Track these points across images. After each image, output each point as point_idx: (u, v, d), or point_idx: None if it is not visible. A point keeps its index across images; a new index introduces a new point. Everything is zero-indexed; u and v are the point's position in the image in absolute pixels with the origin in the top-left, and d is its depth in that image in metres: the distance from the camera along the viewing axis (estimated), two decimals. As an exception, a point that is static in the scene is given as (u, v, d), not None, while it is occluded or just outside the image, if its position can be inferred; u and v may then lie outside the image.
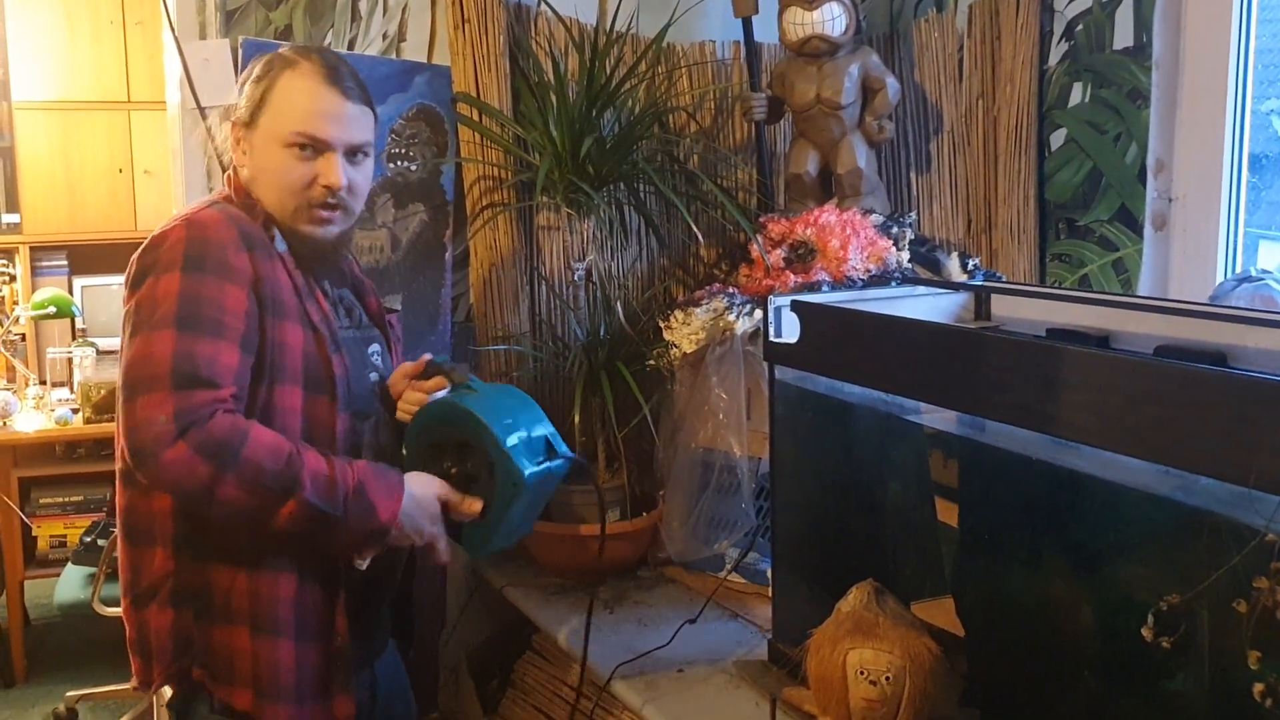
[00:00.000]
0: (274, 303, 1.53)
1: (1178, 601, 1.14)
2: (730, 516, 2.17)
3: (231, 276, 1.49)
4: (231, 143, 1.63)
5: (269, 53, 1.64)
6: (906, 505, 1.75)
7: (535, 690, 2.20)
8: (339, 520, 1.47)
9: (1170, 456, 1.16)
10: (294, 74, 1.58)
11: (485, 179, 2.40)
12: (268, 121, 1.58)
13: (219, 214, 1.54)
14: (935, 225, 2.56)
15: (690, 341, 2.15)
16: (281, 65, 1.59)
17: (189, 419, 1.40)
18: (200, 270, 1.47)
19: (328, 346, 1.57)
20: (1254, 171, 2.12)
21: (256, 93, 1.59)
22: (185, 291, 1.45)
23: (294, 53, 1.62)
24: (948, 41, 2.53)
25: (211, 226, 1.51)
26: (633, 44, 2.47)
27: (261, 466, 1.42)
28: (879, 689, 1.40)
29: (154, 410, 1.39)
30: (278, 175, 1.58)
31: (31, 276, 4.70)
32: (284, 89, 1.58)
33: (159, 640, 1.55)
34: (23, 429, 3.62)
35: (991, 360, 1.37)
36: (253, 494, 1.42)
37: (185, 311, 1.45)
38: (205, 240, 1.49)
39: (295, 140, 1.57)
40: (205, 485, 1.40)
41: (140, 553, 1.57)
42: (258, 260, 1.52)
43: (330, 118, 1.58)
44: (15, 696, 3.54)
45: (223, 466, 1.40)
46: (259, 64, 1.62)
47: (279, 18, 2.36)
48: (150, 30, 4.71)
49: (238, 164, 1.62)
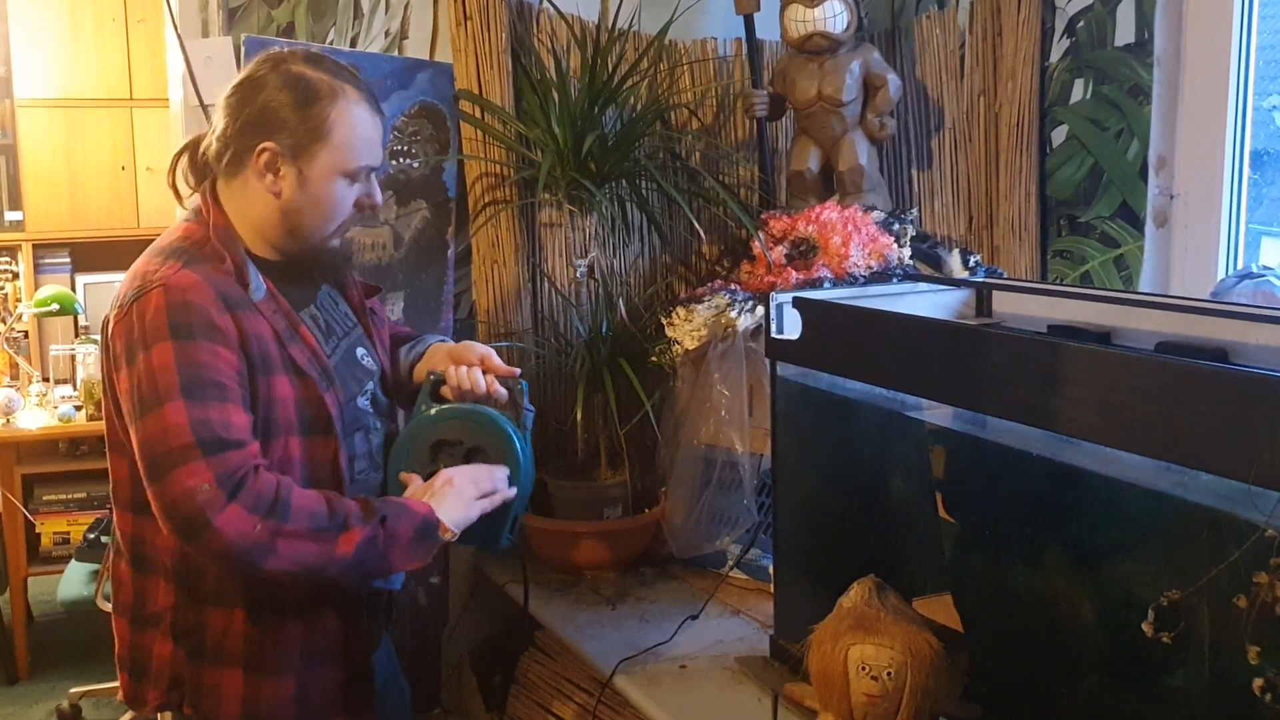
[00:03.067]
0: (261, 359, 1.50)
1: (1178, 597, 1.14)
2: (732, 513, 2.18)
3: (220, 339, 1.45)
4: (257, 167, 1.52)
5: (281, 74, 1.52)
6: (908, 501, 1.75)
7: (538, 686, 2.21)
8: (388, 532, 1.47)
9: (1171, 452, 1.16)
10: (347, 104, 1.54)
11: (487, 176, 2.41)
12: (330, 157, 1.53)
13: (195, 276, 1.47)
14: (937, 222, 2.56)
15: (692, 338, 2.16)
16: (328, 94, 1.52)
17: (232, 481, 1.39)
18: (190, 336, 1.44)
19: (319, 387, 1.55)
20: (1255, 168, 2.12)
21: (306, 123, 1.51)
22: (180, 360, 1.42)
23: (330, 76, 1.54)
24: (949, 38, 2.53)
25: (190, 290, 1.46)
26: (634, 41, 2.47)
27: (312, 510, 1.43)
28: (880, 684, 1.40)
29: (194, 480, 1.37)
30: (332, 205, 1.56)
31: (34, 274, 4.70)
32: (344, 121, 1.53)
33: (157, 667, 1.56)
34: (26, 426, 3.63)
35: (993, 356, 1.37)
36: (314, 537, 1.42)
37: (186, 379, 1.42)
38: (187, 305, 1.45)
39: (359, 174, 1.56)
40: (264, 542, 1.39)
41: (146, 579, 1.57)
42: (240, 319, 1.48)
43: (379, 143, 1.59)
44: (19, 693, 3.55)
45: (279, 519, 1.40)
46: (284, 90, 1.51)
47: (281, 15, 2.36)
48: (152, 28, 4.72)
49: (269, 190, 1.53)
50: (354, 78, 1.58)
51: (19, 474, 3.68)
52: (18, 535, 3.60)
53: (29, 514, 3.67)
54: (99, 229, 4.85)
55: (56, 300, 3.91)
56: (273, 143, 1.51)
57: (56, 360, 3.94)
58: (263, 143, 1.51)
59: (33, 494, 3.80)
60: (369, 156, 1.57)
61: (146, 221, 4.94)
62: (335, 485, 1.56)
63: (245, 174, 1.54)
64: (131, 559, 1.58)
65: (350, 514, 1.46)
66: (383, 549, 1.47)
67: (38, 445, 3.79)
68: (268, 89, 1.52)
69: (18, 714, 3.41)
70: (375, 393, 1.70)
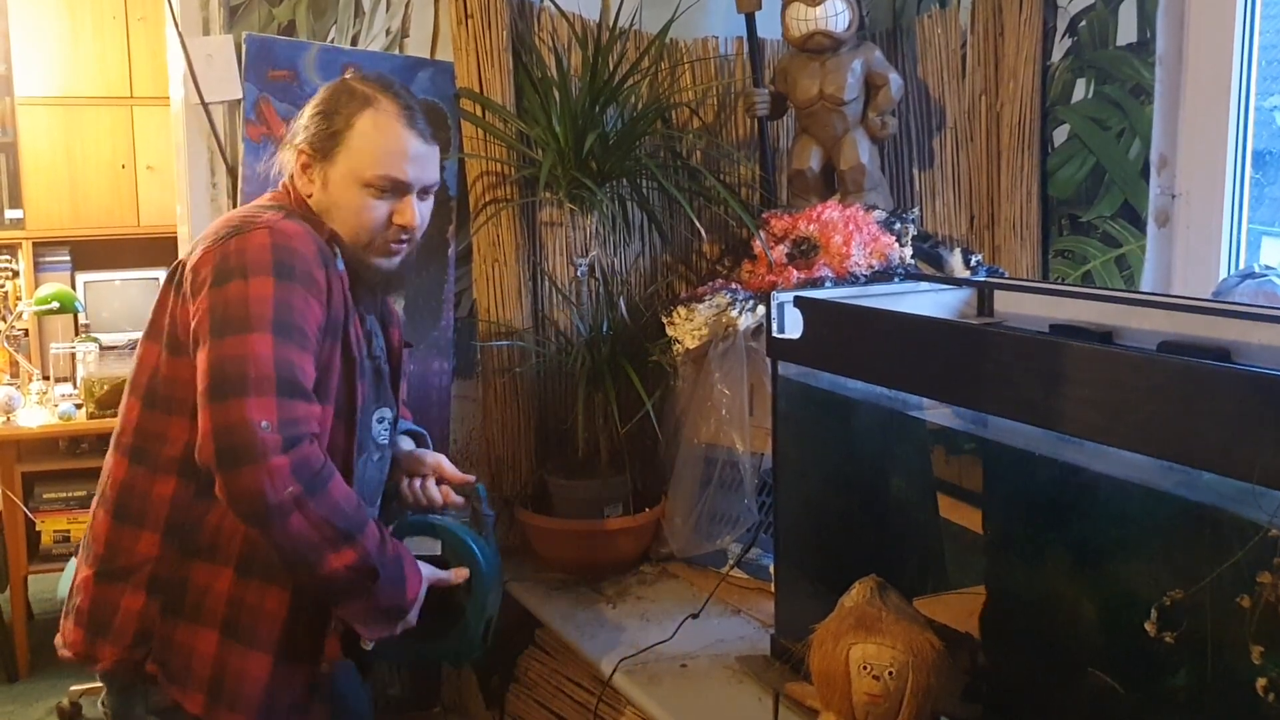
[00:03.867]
0: (332, 324, 1.52)
1: (1181, 597, 1.14)
2: (733, 512, 2.18)
3: (315, 290, 1.48)
4: (296, 169, 1.61)
5: (335, 82, 1.63)
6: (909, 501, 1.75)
7: (538, 685, 2.21)
8: (378, 584, 1.47)
9: (1174, 452, 1.16)
10: (375, 114, 1.57)
11: (488, 175, 2.40)
12: (347, 160, 1.57)
13: (300, 226, 1.52)
14: (938, 221, 2.56)
15: (693, 337, 2.16)
16: (360, 102, 1.58)
17: (293, 431, 1.39)
18: (291, 279, 1.46)
19: (356, 373, 1.57)
20: (1257, 167, 2.12)
21: (330, 126, 1.57)
22: (280, 298, 1.44)
23: (368, 87, 1.60)
24: (951, 37, 2.52)
25: (296, 237, 1.49)
26: (636, 40, 2.47)
27: (338, 505, 1.43)
28: (882, 684, 1.40)
29: (260, 414, 1.37)
30: (354, 213, 1.58)
31: (34, 272, 4.70)
32: (365, 130, 1.57)
33: (121, 622, 1.52)
34: (26, 424, 3.62)
35: (995, 356, 1.37)
36: (320, 530, 1.41)
37: (281, 318, 1.43)
38: (292, 250, 1.47)
39: (376, 182, 1.57)
40: (285, 506, 1.38)
41: (124, 531, 1.54)
42: (330, 278, 1.52)
43: (410, 160, 1.59)
44: (19, 691, 3.55)
45: (309, 492, 1.39)
46: (327, 93, 1.61)
47: (282, 13, 2.36)
48: (153, 26, 4.72)
49: (303, 190, 1.61)
50: (403, 95, 1.61)
51: (19, 472, 3.68)
52: (18, 533, 3.60)
53: (29, 512, 3.67)
54: (99, 227, 4.85)
55: (56, 298, 3.90)
56: (307, 145, 1.58)
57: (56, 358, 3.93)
58: (300, 144, 1.59)
59: (33, 492, 3.80)
60: (389, 167, 1.57)
61: (146, 220, 4.94)
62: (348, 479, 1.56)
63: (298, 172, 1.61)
64: (115, 508, 1.55)
65: (369, 534, 1.46)
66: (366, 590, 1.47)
67: (38, 443, 3.78)
68: (319, 96, 1.61)
69: (18, 712, 3.41)
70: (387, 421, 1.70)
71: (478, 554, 1.66)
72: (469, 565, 1.65)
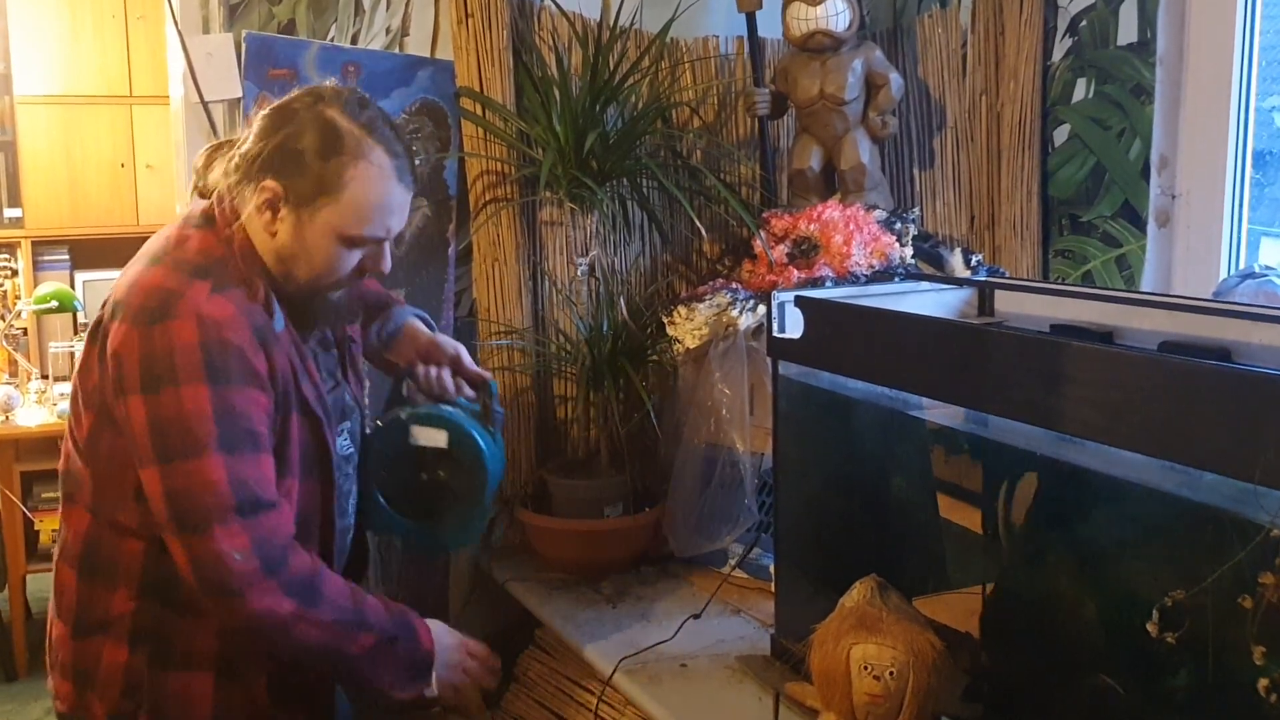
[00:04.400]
0: (283, 396, 1.44)
1: (1182, 597, 1.14)
2: (733, 512, 2.17)
3: (256, 381, 1.38)
4: (255, 205, 1.43)
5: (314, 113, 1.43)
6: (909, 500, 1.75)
7: (538, 684, 2.21)
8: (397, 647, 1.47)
9: (1175, 452, 1.16)
10: (368, 168, 1.43)
11: (488, 174, 2.40)
12: (333, 215, 1.43)
13: (230, 307, 1.38)
14: (938, 221, 2.56)
15: (693, 337, 2.16)
16: (352, 153, 1.42)
17: (268, 550, 1.35)
18: (227, 381, 1.35)
19: (324, 429, 1.51)
20: (1257, 168, 2.12)
21: (313, 173, 1.41)
22: (218, 407, 1.34)
23: (359, 130, 1.43)
24: (951, 37, 2.52)
25: (227, 325, 1.37)
26: (636, 39, 2.47)
27: (336, 602, 1.41)
28: (882, 684, 1.40)
29: (229, 544, 1.32)
30: (326, 264, 1.47)
31: (33, 271, 4.71)
32: (356, 186, 1.42)
33: (107, 675, 1.47)
34: (25, 423, 3.63)
35: (996, 356, 1.37)
36: (329, 630, 1.40)
37: (224, 430, 1.33)
38: (224, 344, 1.35)
39: (360, 241, 1.47)
40: (287, 623, 1.37)
41: (96, 588, 1.47)
42: (270, 355, 1.42)
43: (398, 215, 1.49)
44: (18, 690, 3.55)
45: (307, 604, 1.38)
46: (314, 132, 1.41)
47: (282, 12, 2.35)
48: (152, 24, 4.71)
49: (259, 228, 1.45)
50: (390, 139, 1.46)
51: (18, 471, 3.68)
52: (16, 532, 3.60)
53: (28, 511, 3.67)
54: (98, 226, 4.85)
55: (55, 297, 3.90)
56: (276, 183, 1.42)
57: (55, 357, 3.94)
58: (267, 180, 1.42)
59: (31, 491, 3.80)
60: (377, 227, 1.46)
61: (146, 219, 4.94)
62: (327, 530, 1.54)
63: (251, 200, 1.45)
64: (80, 564, 1.48)
65: (370, 613, 1.45)
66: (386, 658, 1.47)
67: (37, 442, 3.78)
68: (294, 125, 1.42)
69: (16, 711, 3.41)
70: (354, 431, 1.65)
71: (484, 449, 1.64)
72: (474, 460, 1.64)
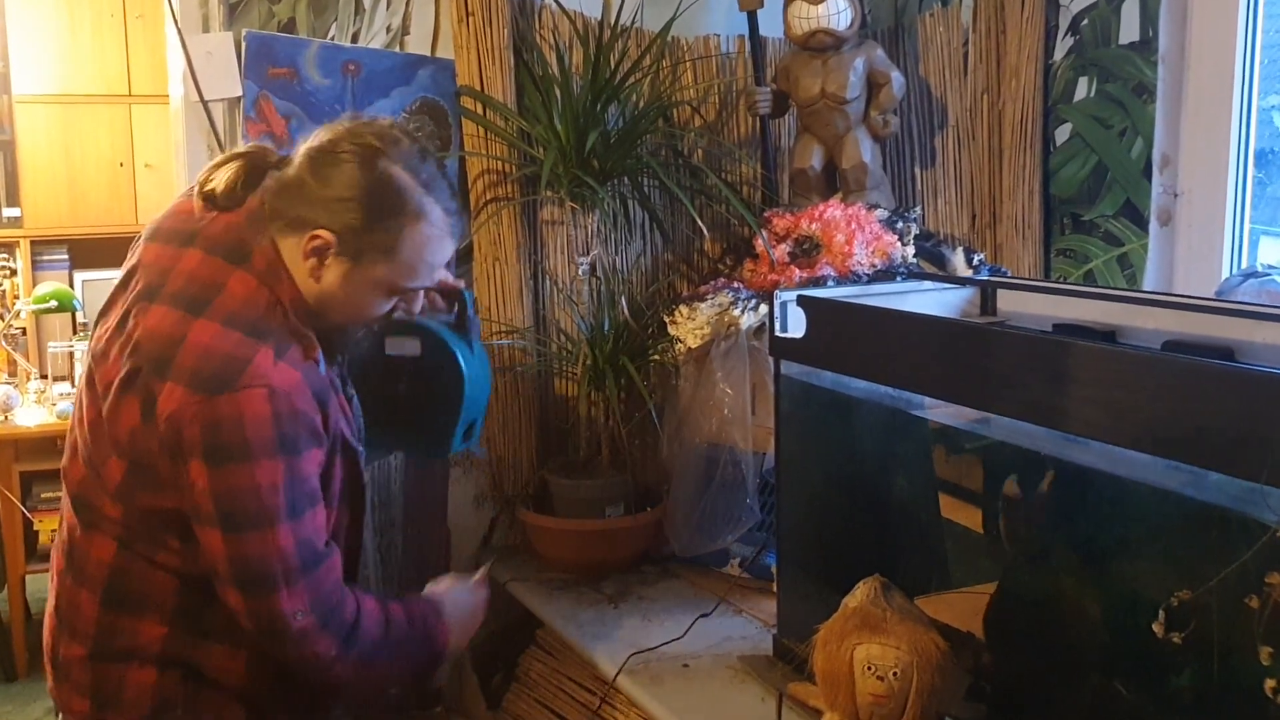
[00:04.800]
0: (333, 441, 1.45)
1: (1189, 597, 1.14)
2: (734, 511, 2.17)
3: (318, 441, 1.40)
4: (304, 250, 1.40)
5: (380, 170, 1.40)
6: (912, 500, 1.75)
7: (539, 684, 2.20)
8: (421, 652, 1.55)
9: (1180, 452, 1.15)
10: (427, 228, 1.43)
11: (489, 173, 2.40)
12: (387, 270, 1.43)
13: (296, 374, 1.37)
14: (939, 220, 2.55)
15: (695, 336, 2.15)
16: (413, 215, 1.41)
17: (326, 606, 1.40)
18: (297, 452, 1.36)
19: (359, 462, 1.53)
20: (1259, 167, 2.12)
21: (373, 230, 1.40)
22: (289, 479, 1.35)
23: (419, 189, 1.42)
24: (953, 36, 2.52)
25: (295, 394, 1.35)
26: (637, 38, 2.46)
27: (373, 637, 1.46)
28: (886, 684, 1.39)
29: (292, 604, 1.36)
30: (366, 312, 1.48)
31: (32, 270, 4.69)
32: (413, 245, 1.43)
33: (133, 694, 1.45)
34: (24, 423, 3.62)
35: (1000, 355, 1.37)
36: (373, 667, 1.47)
37: (292, 498, 1.35)
38: (295, 414, 1.35)
39: (407, 294, 1.49)
40: (326, 664, 1.42)
41: (121, 616, 1.45)
42: (326, 409, 1.42)
43: (443, 265, 1.52)
44: (17, 691, 3.54)
45: (346, 647, 1.42)
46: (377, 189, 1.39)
47: (282, 10, 2.35)
48: (151, 23, 4.70)
49: (305, 274, 1.42)
50: (446, 195, 1.46)
51: (17, 471, 3.67)
52: (16, 533, 3.59)
53: (27, 511, 3.66)
54: (97, 226, 4.84)
55: (55, 297, 3.89)
56: (331, 235, 1.40)
57: (54, 357, 3.93)
58: (321, 230, 1.40)
59: (31, 491, 3.79)
60: (425, 279, 1.49)
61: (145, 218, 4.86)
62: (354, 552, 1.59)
63: (295, 240, 1.42)
64: (105, 593, 1.44)
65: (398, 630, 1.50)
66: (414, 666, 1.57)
67: (36, 443, 3.77)
68: (352, 176, 1.40)
69: (16, 712, 3.40)
70: None
71: (458, 355, 1.65)
72: (448, 365, 1.65)
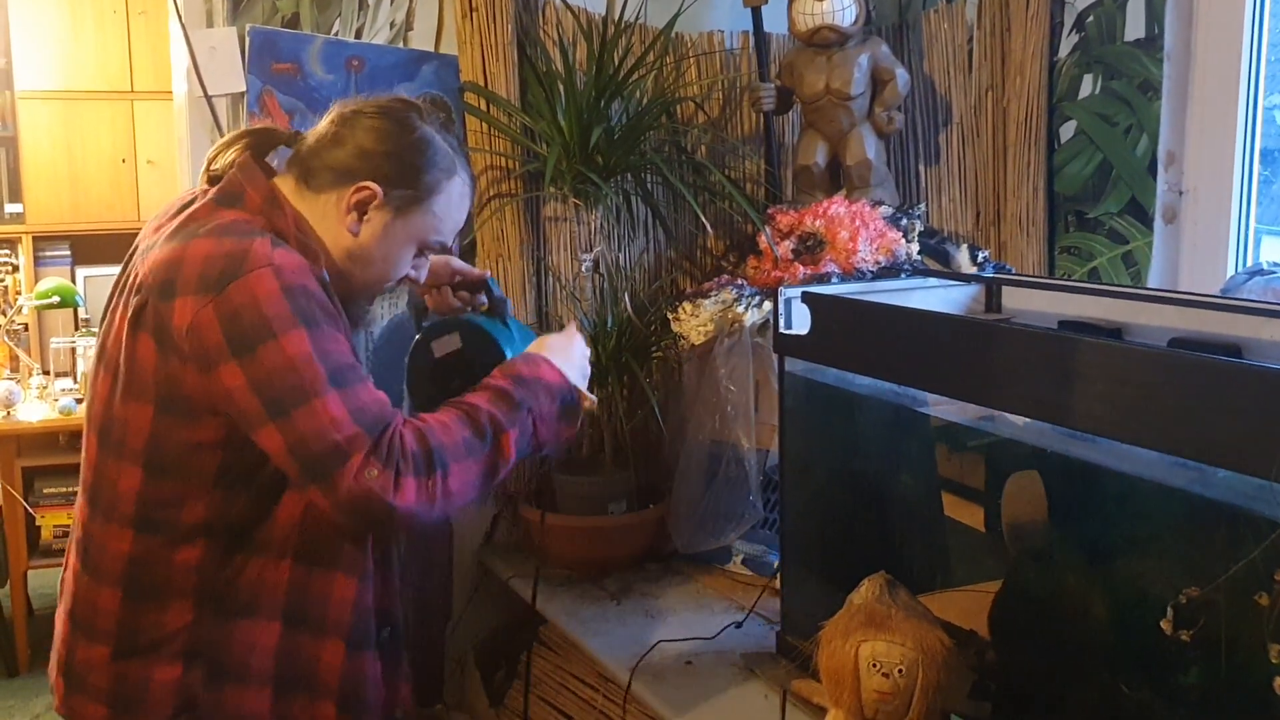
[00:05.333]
0: None
1: (1197, 595, 1.14)
2: (737, 509, 2.17)
3: (336, 320, 1.38)
4: (348, 202, 1.43)
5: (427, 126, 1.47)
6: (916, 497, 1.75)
7: (542, 681, 2.20)
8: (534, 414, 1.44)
9: (1188, 449, 1.15)
10: (458, 184, 1.49)
11: (492, 169, 2.39)
12: (422, 223, 1.47)
13: (295, 257, 1.37)
14: (944, 217, 2.55)
15: (699, 333, 2.15)
16: (447, 169, 1.47)
17: (392, 455, 1.32)
18: (317, 323, 1.34)
19: None
20: (1264, 165, 2.11)
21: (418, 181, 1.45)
22: (319, 349, 1.32)
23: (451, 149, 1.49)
24: (957, 32, 2.52)
25: (300, 272, 1.35)
26: (641, 34, 2.46)
27: (463, 438, 1.37)
28: (891, 681, 1.39)
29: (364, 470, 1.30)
30: (393, 267, 1.49)
31: (34, 266, 4.69)
32: (448, 199, 1.48)
33: (157, 694, 1.41)
34: (26, 419, 3.61)
35: (1005, 352, 1.36)
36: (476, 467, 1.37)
37: (331, 368, 1.32)
38: (306, 289, 1.34)
39: (433, 248, 1.51)
40: (441, 496, 1.34)
41: (145, 608, 1.40)
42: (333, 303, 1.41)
43: (460, 225, 1.55)
44: (19, 686, 3.54)
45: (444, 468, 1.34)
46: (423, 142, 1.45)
47: (286, 5, 2.34)
48: (153, 20, 4.70)
49: (346, 226, 1.44)
50: (465, 159, 1.54)
51: (19, 467, 3.67)
52: (18, 528, 3.59)
53: (29, 507, 3.66)
54: (99, 222, 4.83)
55: (57, 293, 3.89)
56: (379, 186, 1.42)
57: (57, 353, 3.93)
58: (368, 181, 1.42)
59: (33, 487, 3.79)
60: (447, 236, 1.52)
61: (147, 214, 4.88)
62: None
63: (330, 196, 1.44)
64: (127, 584, 1.41)
65: (496, 419, 1.40)
66: (533, 435, 1.44)
67: (38, 438, 3.77)
68: (396, 131, 1.45)
69: (18, 707, 3.40)
70: None
71: (495, 336, 1.64)
72: (488, 349, 1.63)
